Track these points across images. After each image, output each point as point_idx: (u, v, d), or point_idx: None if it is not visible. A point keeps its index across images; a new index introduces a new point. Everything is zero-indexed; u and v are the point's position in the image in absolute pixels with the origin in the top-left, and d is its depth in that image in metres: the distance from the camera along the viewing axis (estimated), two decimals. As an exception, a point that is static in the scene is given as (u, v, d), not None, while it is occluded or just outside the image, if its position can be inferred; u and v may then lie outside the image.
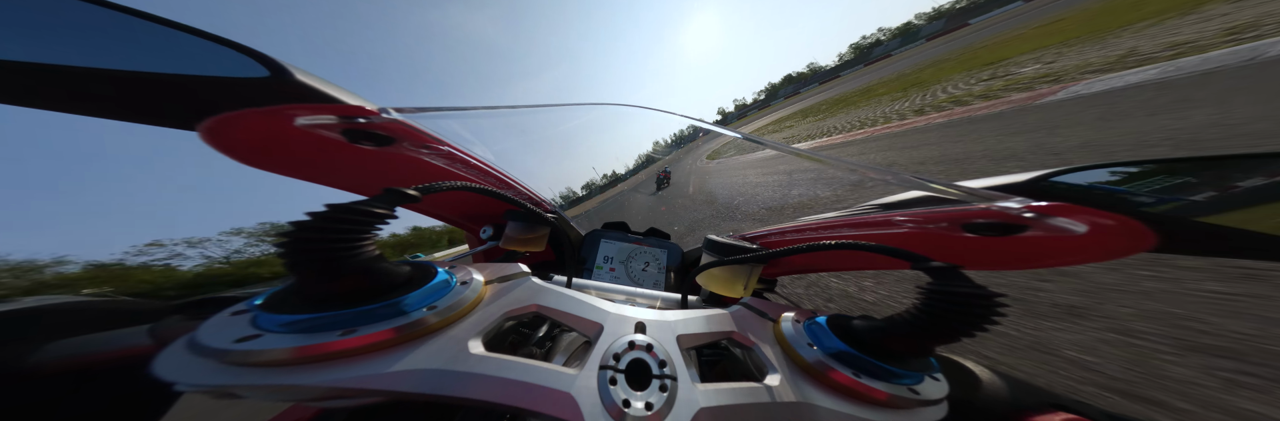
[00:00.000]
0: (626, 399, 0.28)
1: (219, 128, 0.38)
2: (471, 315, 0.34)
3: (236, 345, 0.24)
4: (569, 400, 0.27)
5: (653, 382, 0.31)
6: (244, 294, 0.34)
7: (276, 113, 0.41)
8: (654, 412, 0.28)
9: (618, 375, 0.31)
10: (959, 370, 0.41)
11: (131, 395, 0.34)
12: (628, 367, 0.32)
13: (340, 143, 0.51)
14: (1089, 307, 1.77)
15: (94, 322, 0.33)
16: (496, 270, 0.43)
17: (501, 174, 0.86)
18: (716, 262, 0.60)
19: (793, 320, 0.41)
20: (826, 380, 0.34)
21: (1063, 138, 4.29)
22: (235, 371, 0.23)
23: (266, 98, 0.40)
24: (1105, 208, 0.37)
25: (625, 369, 0.32)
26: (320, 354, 0.25)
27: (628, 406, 0.28)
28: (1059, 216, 0.38)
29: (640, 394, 0.29)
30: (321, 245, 0.26)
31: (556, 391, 0.28)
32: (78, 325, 0.33)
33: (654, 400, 0.29)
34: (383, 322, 0.28)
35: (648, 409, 0.28)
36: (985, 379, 0.38)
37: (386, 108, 0.51)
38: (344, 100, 0.45)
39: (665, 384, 0.31)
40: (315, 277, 0.27)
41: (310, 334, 0.26)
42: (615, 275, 1.04)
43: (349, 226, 0.28)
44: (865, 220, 0.60)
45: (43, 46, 0.29)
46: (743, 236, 0.87)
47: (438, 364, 0.28)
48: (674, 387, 0.30)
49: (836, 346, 0.35)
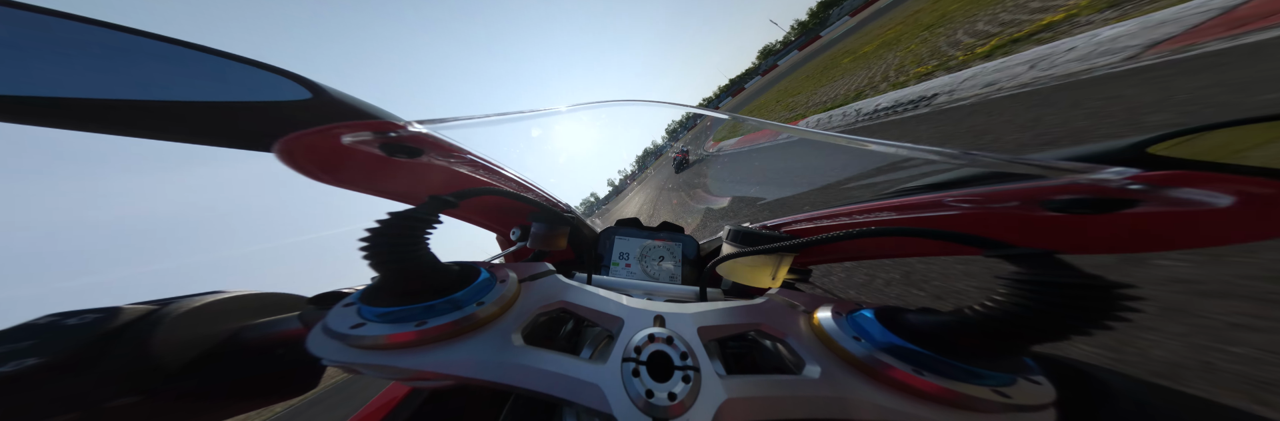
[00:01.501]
0: (650, 389, 0.30)
1: (287, 148, 0.44)
2: (511, 311, 0.38)
3: (352, 331, 0.31)
4: (597, 391, 0.29)
5: (675, 374, 0.31)
6: (350, 289, 0.44)
7: (325, 132, 0.45)
8: (677, 402, 0.29)
9: (640, 367, 0.32)
10: (1078, 375, 0.34)
11: (303, 364, 0.43)
12: (649, 359, 0.33)
13: (380, 156, 0.55)
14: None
15: (261, 310, 0.43)
16: (527, 269, 0.46)
17: (519, 178, 0.89)
18: (737, 253, 0.60)
19: (832, 312, 0.39)
20: (878, 375, 0.31)
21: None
22: (353, 352, 0.30)
23: (314, 117, 0.43)
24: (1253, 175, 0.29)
25: (647, 361, 0.33)
26: (403, 341, 0.31)
27: (651, 397, 0.29)
28: (1186, 186, 0.31)
29: (663, 385, 0.30)
30: (392, 248, 0.32)
31: (586, 383, 0.30)
32: (254, 311, 0.42)
33: (677, 390, 0.30)
34: (444, 316, 0.33)
35: (671, 399, 0.29)
36: (1119, 387, 0.32)
37: (411, 121, 0.54)
38: (376, 115, 0.48)
39: (688, 375, 0.31)
40: (393, 275, 0.33)
41: (396, 323, 0.31)
42: (631, 271, 1.05)
43: (407, 231, 0.33)
44: (910, 202, 0.54)
45: (133, 84, 0.34)
46: (768, 226, 0.86)
47: (490, 354, 0.32)
48: (697, 378, 0.31)
49: (890, 340, 0.33)
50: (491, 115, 0.67)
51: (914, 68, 8.21)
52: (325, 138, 0.46)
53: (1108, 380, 0.33)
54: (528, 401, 0.43)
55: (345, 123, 0.46)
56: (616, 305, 0.41)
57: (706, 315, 0.40)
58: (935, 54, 8.33)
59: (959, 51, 7.37)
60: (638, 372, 0.31)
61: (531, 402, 0.43)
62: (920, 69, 7.74)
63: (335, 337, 0.31)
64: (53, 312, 0.32)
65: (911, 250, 0.68)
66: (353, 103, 0.45)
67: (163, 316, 0.34)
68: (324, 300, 0.44)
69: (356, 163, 0.55)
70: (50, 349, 0.29)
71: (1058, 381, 0.30)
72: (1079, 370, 0.35)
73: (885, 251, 0.73)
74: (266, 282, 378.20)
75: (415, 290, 0.34)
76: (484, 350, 0.32)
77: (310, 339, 0.32)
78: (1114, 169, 0.34)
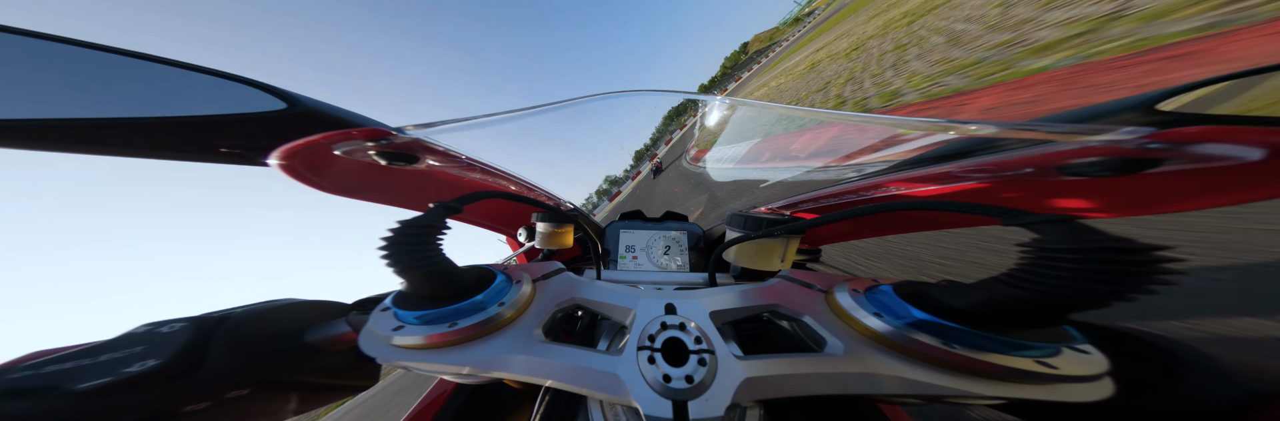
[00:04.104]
0: (666, 374, 0.30)
1: (287, 159, 0.44)
2: (529, 310, 0.39)
3: (394, 333, 0.34)
4: (616, 380, 0.30)
5: (691, 358, 0.32)
6: (385, 294, 0.47)
7: (320, 141, 0.45)
8: (695, 385, 0.29)
9: (655, 353, 0.33)
10: (1133, 343, 0.33)
11: (361, 363, 0.48)
12: (664, 346, 0.34)
13: (377, 165, 0.55)
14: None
15: (309, 315, 0.46)
16: (538, 269, 0.47)
17: (517, 178, 0.88)
18: (740, 238, 0.60)
19: (849, 289, 0.38)
20: (905, 350, 0.30)
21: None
22: (400, 352, 0.33)
23: (294, 128, 0.43)
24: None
25: (661, 347, 0.33)
26: (442, 342, 0.34)
27: (669, 381, 0.30)
28: (1210, 141, 0.30)
29: (680, 369, 0.31)
30: (411, 255, 0.33)
31: (605, 373, 0.31)
32: (305, 316, 0.45)
33: (694, 374, 0.30)
34: (472, 317, 0.35)
35: (688, 382, 0.30)
36: (1187, 356, 0.30)
37: (401, 126, 0.54)
38: (359, 123, 0.48)
39: (703, 358, 0.32)
40: (417, 281, 0.35)
41: (431, 325, 0.34)
42: (639, 263, 1.06)
43: (418, 238, 0.34)
44: (919, 175, 0.53)
45: (91, 103, 0.34)
46: (772, 208, 0.85)
47: (518, 350, 0.33)
48: (713, 361, 0.31)
49: (913, 315, 0.31)
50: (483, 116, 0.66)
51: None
52: (321, 147, 0.46)
53: (1170, 348, 0.31)
54: (559, 392, 0.44)
55: (337, 132, 0.45)
56: (627, 297, 0.42)
57: (717, 299, 0.40)
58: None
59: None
60: (653, 359, 0.32)
61: (563, 393, 0.44)
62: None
63: (382, 339, 0.34)
64: (146, 323, 0.36)
65: (923, 224, 0.67)
66: (331, 111, 0.45)
67: (240, 322, 0.38)
68: (364, 305, 0.49)
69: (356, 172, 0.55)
70: (161, 353, 0.33)
71: (1111, 350, 0.28)
72: (1134, 336, 0.33)
73: (896, 226, 0.73)
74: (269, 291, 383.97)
75: (440, 294, 0.36)
76: (512, 347, 0.34)
77: (362, 341, 0.35)
78: (1127, 129, 0.33)
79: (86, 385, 0.29)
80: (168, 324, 0.36)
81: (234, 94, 0.39)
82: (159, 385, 0.32)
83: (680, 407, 0.28)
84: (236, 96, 0.39)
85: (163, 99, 0.36)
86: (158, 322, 0.36)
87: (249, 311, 0.40)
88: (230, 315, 0.39)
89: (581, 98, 1.04)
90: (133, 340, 0.34)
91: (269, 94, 0.40)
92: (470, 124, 0.61)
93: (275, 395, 0.39)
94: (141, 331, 0.35)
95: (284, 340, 0.41)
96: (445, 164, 0.65)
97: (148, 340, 0.34)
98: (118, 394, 0.30)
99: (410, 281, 0.35)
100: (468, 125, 0.62)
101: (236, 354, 0.36)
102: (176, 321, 0.36)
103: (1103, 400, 0.27)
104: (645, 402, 0.29)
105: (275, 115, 0.41)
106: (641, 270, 1.01)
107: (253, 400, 0.37)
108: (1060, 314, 0.25)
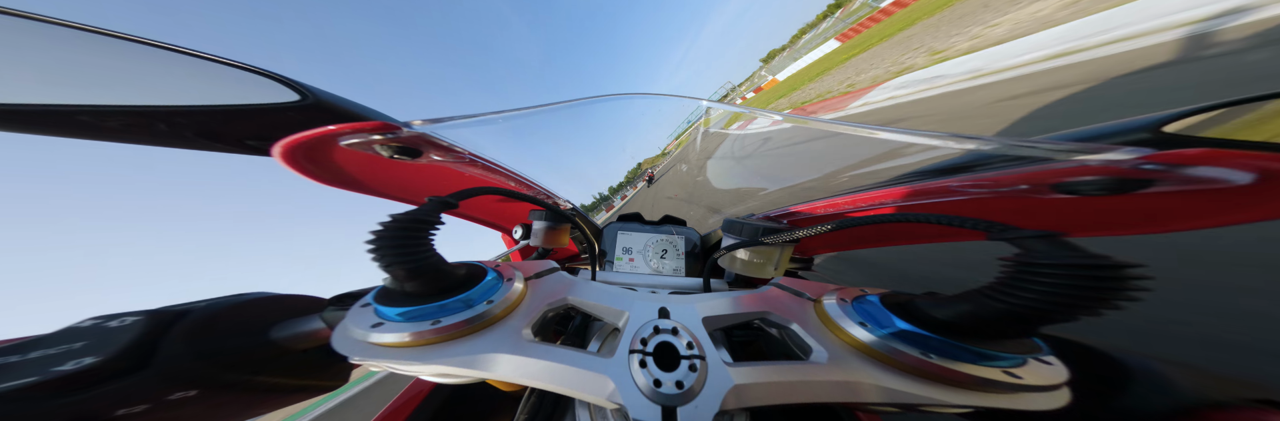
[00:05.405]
0: (657, 379, 0.30)
1: (288, 151, 0.43)
2: (519, 308, 0.38)
3: (372, 330, 0.32)
4: (606, 383, 0.30)
5: (682, 363, 0.32)
6: (365, 289, 0.45)
7: (325, 134, 0.45)
8: (685, 391, 0.29)
9: (646, 357, 0.32)
10: (1090, 356, 0.35)
11: (332, 362, 0.45)
12: (655, 350, 0.33)
13: (381, 158, 0.55)
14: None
15: (283, 311, 0.43)
16: (532, 267, 0.47)
17: (518, 175, 0.89)
18: (736, 245, 0.60)
19: (837, 299, 0.39)
20: (885, 359, 0.32)
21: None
22: (376, 350, 0.32)
23: (306, 120, 0.43)
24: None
25: (653, 352, 0.33)
26: (422, 339, 0.32)
27: (659, 386, 0.30)
28: (1203, 164, 0.30)
29: (670, 374, 0.31)
30: (398, 249, 0.32)
31: (595, 375, 0.31)
32: (278, 312, 0.42)
33: (685, 379, 0.30)
34: (458, 314, 0.34)
35: (678, 387, 0.30)
36: (1137, 367, 0.32)
37: (409, 121, 0.54)
38: (370, 116, 0.48)
39: (694, 364, 0.32)
40: (403, 276, 0.33)
41: (413, 322, 0.33)
42: (635, 265, 1.06)
43: (410, 233, 0.33)
44: (916, 189, 0.53)
45: (118, 90, 0.34)
46: (768, 216, 0.86)
47: (505, 350, 0.32)
48: (704, 367, 0.31)
49: (895, 325, 0.33)
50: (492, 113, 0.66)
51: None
52: (326, 140, 0.46)
53: (1123, 359, 0.33)
54: (545, 393, 0.44)
55: (345, 125, 0.46)
56: (620, 299, 0.41)
57: (710, 305, 0.40)
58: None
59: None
60: (644, 363, 0.32)
61: (548, 394, 0.43)
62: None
63: (357, 337, 0.33)
64: (92, 316, 0.33)
65: (915, 237, 0.68)
66: (344, 104, 0.45)
67: (202, 317, 0.36)
68: (342, 301, 0.46)
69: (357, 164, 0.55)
70: (103, 349, 0.30)
71: (1071, 362, 0.30)
72: (1092, 350, 0.35)
73: (887, 238, 0.74)
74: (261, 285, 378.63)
75: (426, 290, 0.35)
76: (498, 346, 0.33)
77: (335, 338, 0.33)
78: (1125, 149, 0.34)
79: (4, 386, 0.27)
80: (118, 317, 0.33)
81: (251, 85, 0.39)
82: (92, 386, 0.29)
83: (669, 413, 0.28)
84: (253, 87, 0.39)
85: (184, 88, 0.36)
86: (107, 316, 0.33)
87: (214, 305, 0.37)
88: (192, 309, 0.36)
89: (582, 98, 1.05)
90: (73, 335, 0.31)
91: (285, 86, 0.40)
92: (479, 120, 0.62)
93: (226, 396, 0.36)
94: (86, 325, 0.32)
95: (247, 337, 0.39)
96: (446, 159, 0.66)
97: (91, 335, 0.31)
98: (39, 396, 0.27)
99: (395, 276, 0.33)
100: (476, 121, 0.63)
101: (189, 351, 0.33)
102: (130, 315, 0.33)
103: (1059, 409, 0.29)
104: (634, 407, 0.28)
105: (289, 107, 0.41)
106: (637, 272, 1.01)
107: (199, 401, 0.34)
108: (1033, 326, 0.27)
